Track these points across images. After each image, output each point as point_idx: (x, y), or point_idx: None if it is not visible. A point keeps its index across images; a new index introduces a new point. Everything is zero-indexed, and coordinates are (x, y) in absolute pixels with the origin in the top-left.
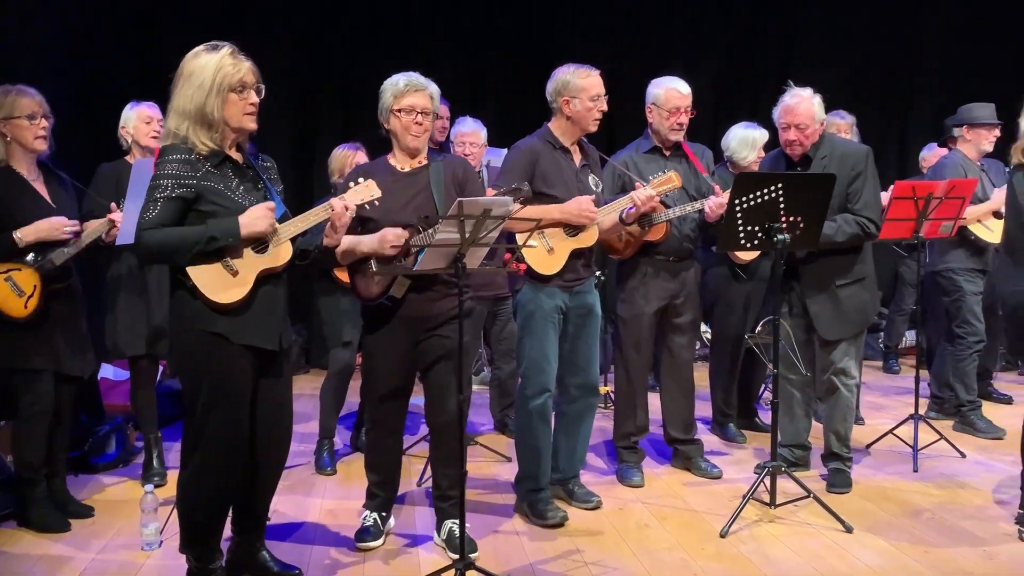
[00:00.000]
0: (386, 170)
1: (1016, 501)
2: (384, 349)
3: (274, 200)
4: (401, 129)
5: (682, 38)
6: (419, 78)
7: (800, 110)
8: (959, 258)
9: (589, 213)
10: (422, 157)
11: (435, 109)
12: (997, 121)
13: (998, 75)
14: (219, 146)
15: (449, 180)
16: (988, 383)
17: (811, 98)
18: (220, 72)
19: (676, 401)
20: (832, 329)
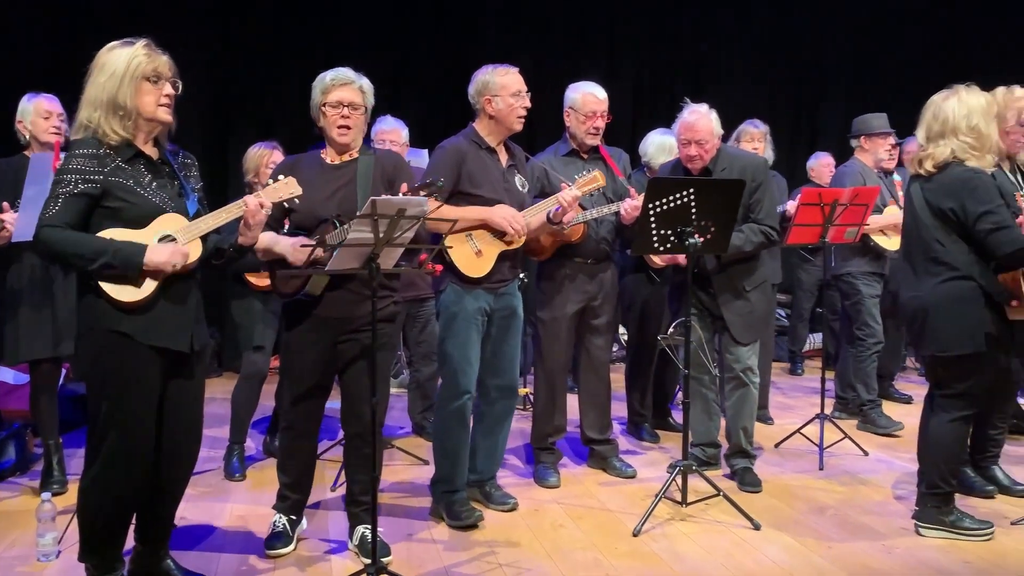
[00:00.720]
0: (314, 162)
1: (913, 497)
2: (302, 348)
3: (188, 198)
4: (328, 124)
5: (601, 43)
6: (347, 72)
7: (700, 126)
8: (859, 263)
9: (516, 224)
10: (353, 152)
11: (367, 104)
12: (891, 130)
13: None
14: (131, 137)
15: (378, 176)
16: (890, 384)
17: (708, 114)
18: (134, 61)
19: (593, 402)
20: (746, 333)
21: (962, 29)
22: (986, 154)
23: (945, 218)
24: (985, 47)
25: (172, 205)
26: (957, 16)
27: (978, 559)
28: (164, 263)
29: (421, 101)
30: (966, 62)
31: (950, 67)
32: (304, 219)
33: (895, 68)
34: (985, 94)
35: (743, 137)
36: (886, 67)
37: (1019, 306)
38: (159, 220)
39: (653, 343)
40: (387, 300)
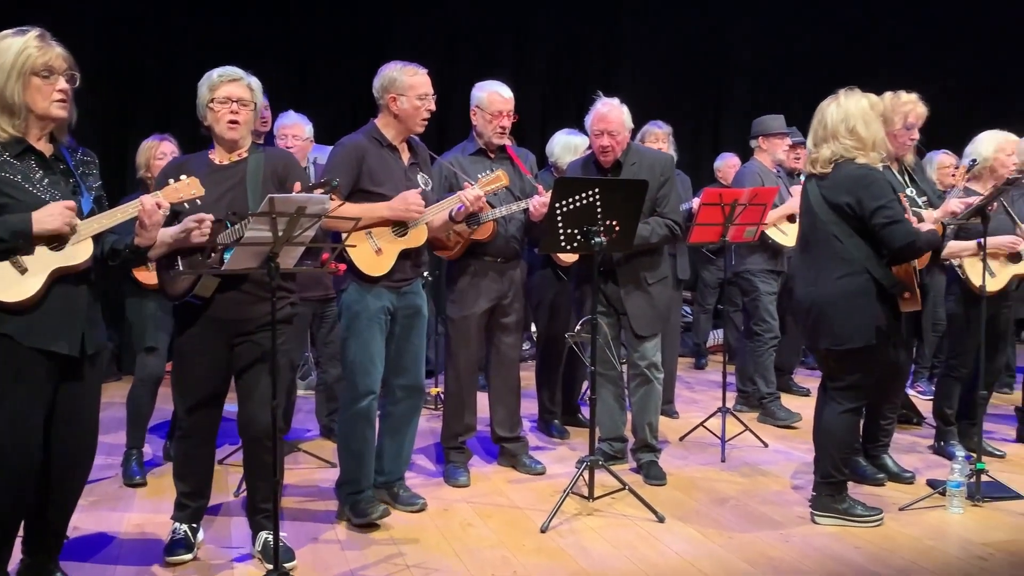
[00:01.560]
0: (202, 163)
1: (810, 486)
2: (195, 352)
3: (83, 196)
4: (216, 120)
5: (509, 43)
6: (234, 69)
7: (612, 117)
8: (756, 261)
9: (415, 208)
10: (243, 151)
11: (256, 101)
12: (787, 130)
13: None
14: (22, 134)
15: (268, 175)
16: (789, 377)
17: (620, 107)
18: (23, 55)
19: (503, 400)
20: (646, 325)
21: (861, 30)
22: (870, 152)
23: (842, 213)
24: (887, 48)
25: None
26: (856, 17)
27: (868, 544)
28: (58, 227)
29: (327, 96)
30: (866, 63)
31: (851, 69)
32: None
33: (797, 69)
34: (867, 97)
35: (647, 138)
36: (787, 69)
37: (911, 298)
38: None
39: (562, 340)
40: (284, 301)
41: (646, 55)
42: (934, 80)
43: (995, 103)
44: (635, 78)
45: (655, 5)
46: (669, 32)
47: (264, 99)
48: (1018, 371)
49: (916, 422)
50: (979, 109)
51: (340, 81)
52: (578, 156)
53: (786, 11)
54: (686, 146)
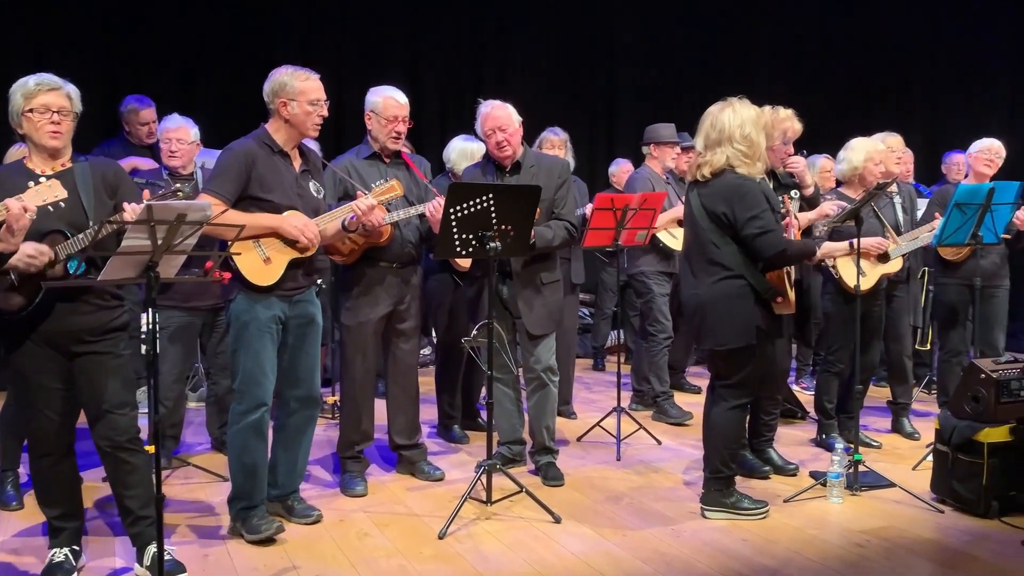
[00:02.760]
0: (22, 173)
1: (701, 481)
2: (35, 368)
3: None
4: (34, 129)
5: (407, 49)
6: (52, 78)
7: (500, 113)
8: (649, 263)
9: (309, 234)
10: (65, 160)
11: (74, 109)
12: (677, 139)
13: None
14: None
15: (99, 183)
16: (681, 375)
17: (505, 105)
18: None
19: (401, 407)
20: (538, 324)
21: (744, 40)
22: (756, 162)
23: (719, 221)
24: (769, 58)
25: None
26: (740, 27)
27: (754, 536)
28: None
29: (216, 99)
30: (748, 73)
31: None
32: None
33: (686, 78)
34: (755, 107)
35: (545, 144)
36: (677, 77)
37: (784, 302)
38: None
39: (461, 344)
40: (120, 309)
41: (541, 63)
42: (812, 87)
43: (867, 107)
44: (531, 86)
45: (548, 14)
46: (563, 40)
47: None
48: None
49: (800, 416)
50: (853, 114)
51: (230, 83)
52: (474, 162)
53: (673, 20)
54: (582, 152)
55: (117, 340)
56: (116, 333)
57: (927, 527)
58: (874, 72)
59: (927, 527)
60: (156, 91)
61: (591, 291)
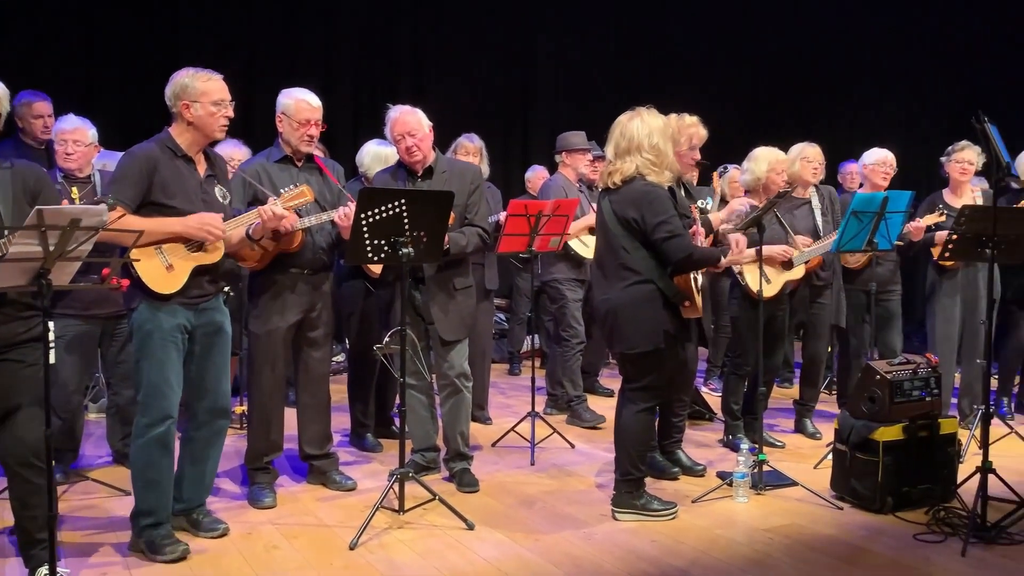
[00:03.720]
0: None
1: (612, 484)
2: None
3: None
4: None
5: (319, 53)
6: None
7: (409, 119)
8: (562, 270)
9: (214, 229)
10: None
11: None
12: (588, 147)
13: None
14: None
15: (19, 189)
16: (594, 379)
17: (414, 109)
18: None
19: (311, 416)
20: (451, 330)
21: (657, 51)
22: (664, 170)
23: (629, 227)
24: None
25: None
26: (653, 37)
27: (663, 537)
28: None
29: (118, 99)
30: (660, 83)
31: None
32: None
33: (600, 85)
34: (662, 116)
35: (459, 150)
36: (591, 85)
37: (691, 306)
38: None
39: (373, 352)
40: (34, 320)
41: (457, 68)
42: (722, 97)
43: (771, 118)
44: (447, 91)
45: (464, 18)
46: (479, 46)
47: (46, 102)
48: (796, 366)
49: (708, 417)
50: (759, 124)
51: (134, 82)
52: (388, 166)
53: (588, 29)
54: (497, 159)
55: (30, 351)
56: (29, 344)
57: (827, 523)
58: (777, 83)
59: (827, 523)
60: (54, 90)
61: (507, 296)
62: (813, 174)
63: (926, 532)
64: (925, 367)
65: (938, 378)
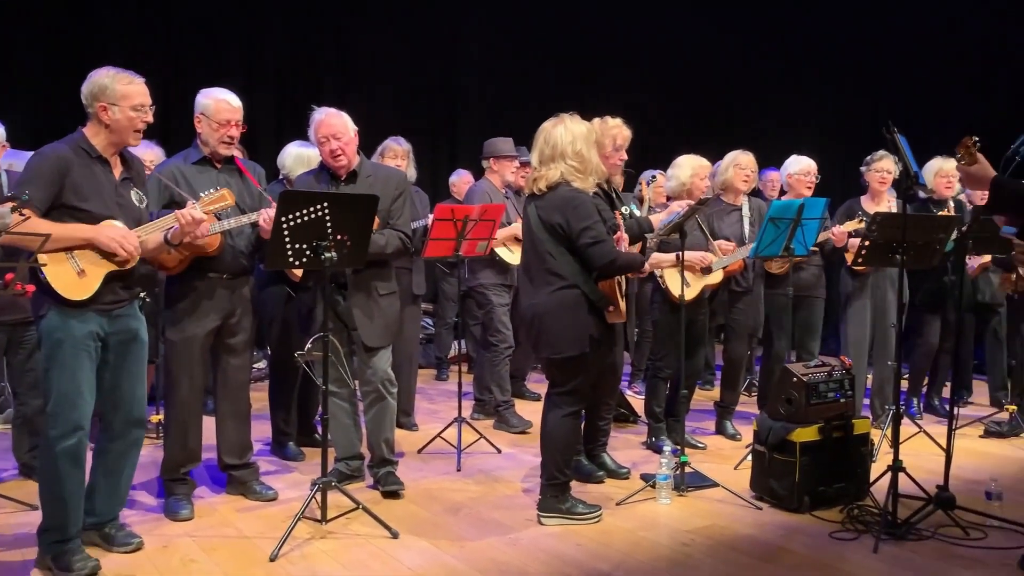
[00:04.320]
0: None
1: (539, 488)
2: None
3: None
4: None
5: (241, 52)
6: None
7: (335, 122)
8: (489, 275)
9: (128, 246)
10: None
11: None
12: (516, 153)
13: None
14: None
15: None
16: (522, 383)
17: (340, 113)
18: None
19: (231, 425)
20: (375, 336)
21: (583, 58)
22: (588, 176)
23: (555, 233)
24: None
25: None
26: (580, 44)
27: (588, 540)
28: None
29: (27, 96)
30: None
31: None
32: None
33: (526, 92)
34: (585, 122)
35: (387, 153)
36: (517, 91)
37: (615, 311)
38: None
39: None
40: None
41: (383, 70)
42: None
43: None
44: (373, 94)
45: (391, 19)
46: (406, 48)
47: None
48: (717, 369)
49: (632, 420)
50: (684, 132)
51: (47, 78)
52: (310, 168)
53: (515, 34)
54: (424, 163)
55: None
56: None
57: (746, 524)
58: (701, 91)
59: (746, 524)
60: None
61: (433, 301)
62: (744, 181)
63: (841, 530)
64: (839, 369)
65: (851, 380)
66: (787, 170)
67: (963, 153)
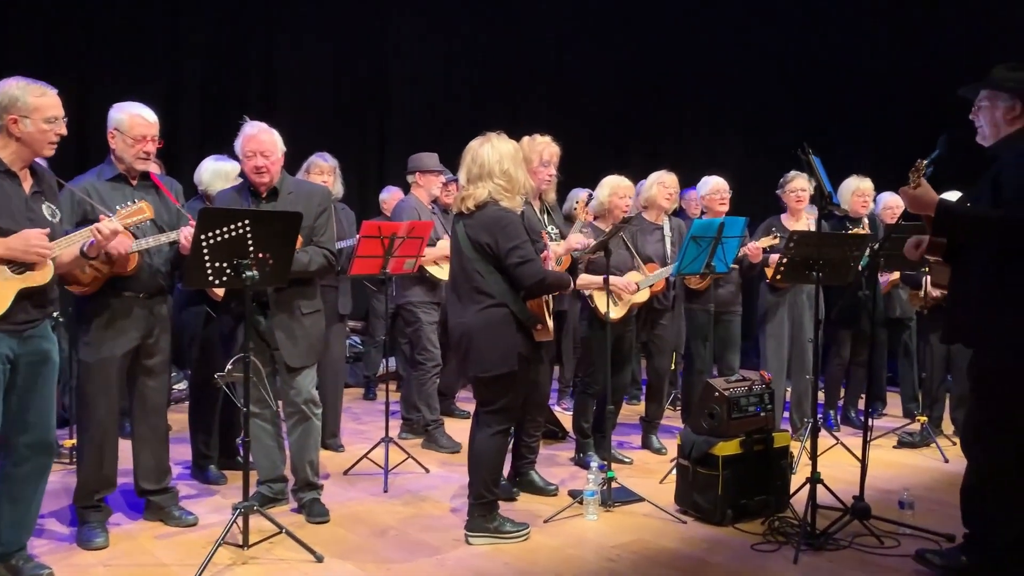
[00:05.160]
0: None
1: (467, 508)
2: None
3: None
4: None
5: (164, 66)
6: None
7: (264, 138)
8: (417, 292)
9: (40, 249)
10: None
11: None
12: (441, 168)
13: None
14: None
15: None
16: (451, 401)
17: (271, 130)
18: None
19: (148, 449)
20: (297, 356)
21: (511, 75)
22: (516, 195)
23: (483, 251)
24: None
25: None
26: (508, 62)
27: (516, 559)
28: None
29: None
30: (515, 106)
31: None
32: None
33: (458, 107)
34: (512, 142)
35: (312, 169)
36: (449, 105)
37: (543, 329)
38: None
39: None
40: None
41: (311, 85)
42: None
43: (622, 144)
44: (300, 108)
45: (319, 33)
46: (334, 62)
47: None
48: (643, 383)
49: (561, 436)
50: (609, 150)
51: None
52: (228, 182)
53: (445, 50)
54: (353, 179)
55: None
56: None
57: (671, 537)
58: (628, 110)
59: (671, 537)
60: None
61: (363, 319)
62: (667, 200)
63: (762, 542)
64: (759, 384)
65: (771, 394)
66: (700, 192)
67: (914, 177)
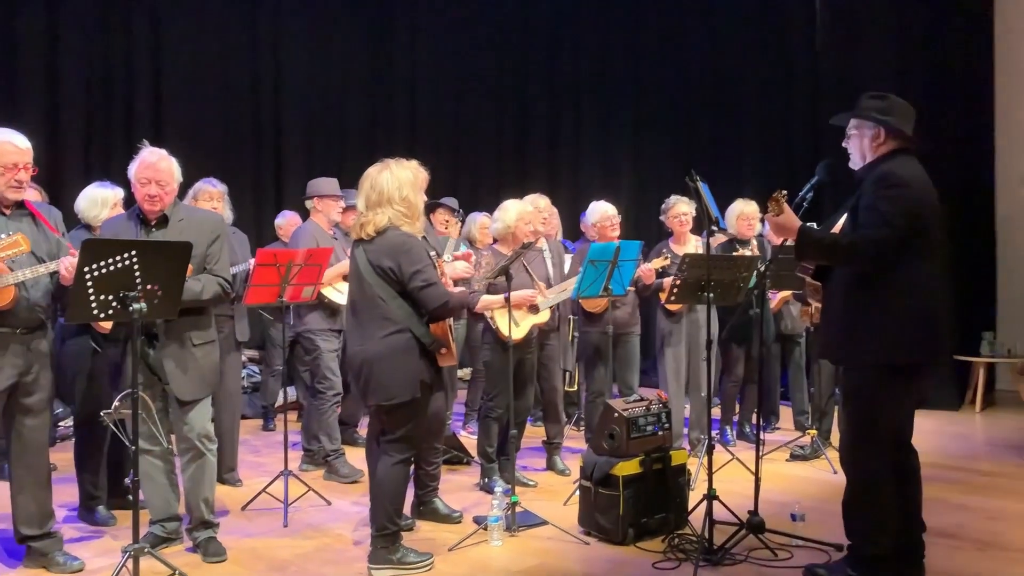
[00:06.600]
0: None
1: (369, 540)
2: None
3: None
4: None
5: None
6: None
7: (162, 167)
8: (316, 320)
9: None
10: None
11: None
12: (340, 194)
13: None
14: None
15: None
16: (353, 430)
17: (170, 158)
18: None
19: (28, 492)
20: (189, 390)
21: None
22: (416, 221)
23: (386, 276)
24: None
25: None
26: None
27: None
28: None
29: None
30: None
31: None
32: None
33: (354, 130)
34: (411, 167)
35: (200, 196)
36: (345, 127)
37: (447, 353)
38: None
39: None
40: None
41: (202, 106)
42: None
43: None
44: (190, 132)
45: (210, 52)
46: (225, 80)
47: None
48: None
49: (466, 461)
50: (510, 174)
51: None
52: (107, 208)
53: (339, 73)
54: (248, 203)
55: None
56: None
57: (575, 559)
58: (528, 134)
59: (575, 559)
60: None
61: (260, 347)
62: (542, 223)
63: (663, 560)
64: (657, 403)
65: (668, 413)
66: (589, 220)
67: (773, 206)
